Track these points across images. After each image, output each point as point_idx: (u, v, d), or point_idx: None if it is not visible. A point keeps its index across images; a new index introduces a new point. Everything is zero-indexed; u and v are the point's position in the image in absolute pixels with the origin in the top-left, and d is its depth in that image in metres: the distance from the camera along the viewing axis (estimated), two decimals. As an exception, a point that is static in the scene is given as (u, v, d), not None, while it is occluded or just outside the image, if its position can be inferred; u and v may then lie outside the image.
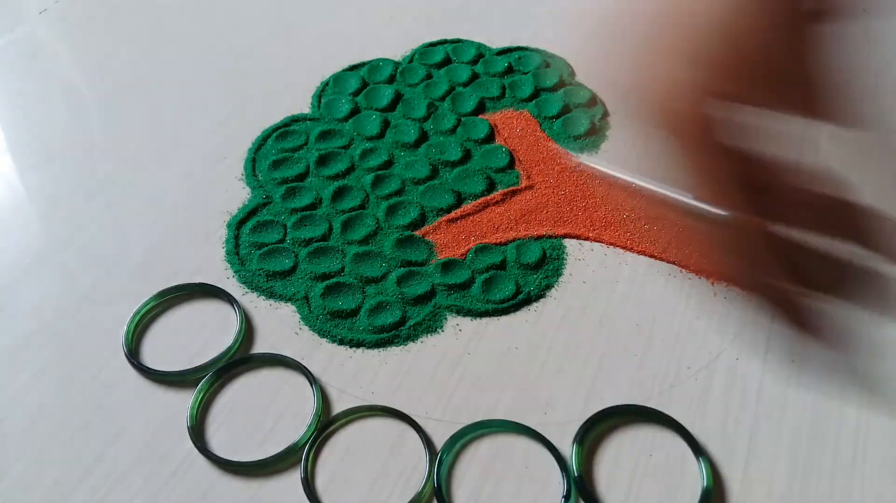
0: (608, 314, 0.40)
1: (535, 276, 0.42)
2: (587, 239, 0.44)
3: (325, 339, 0.40)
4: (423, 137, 0.50)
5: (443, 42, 0.58)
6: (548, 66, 0.55)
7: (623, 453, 0.35)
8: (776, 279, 0.27)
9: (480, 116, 0.51)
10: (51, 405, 0.37)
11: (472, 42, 0.58)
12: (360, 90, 0.54)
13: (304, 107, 0.53)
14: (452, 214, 0.45)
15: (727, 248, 0.27)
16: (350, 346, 0.39)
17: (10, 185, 0.48)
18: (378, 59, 0.56)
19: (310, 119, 0.52)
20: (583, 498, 0.33)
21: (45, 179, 0.49)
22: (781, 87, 0.25)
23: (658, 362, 0.38)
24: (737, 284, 0.30)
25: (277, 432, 0.36)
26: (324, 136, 0.50)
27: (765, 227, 0.26)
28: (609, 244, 0.44)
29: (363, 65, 0.56)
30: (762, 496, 0.33)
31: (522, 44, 0.57)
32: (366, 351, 0.39)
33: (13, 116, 0.53)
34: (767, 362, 0.38)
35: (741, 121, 0.25)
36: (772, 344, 0.39)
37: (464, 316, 0.41)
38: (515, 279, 0.42)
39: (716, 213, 0.26)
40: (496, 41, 0.58)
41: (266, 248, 0.43)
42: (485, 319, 0.40)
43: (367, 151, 0.49)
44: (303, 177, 0.48)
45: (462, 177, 0.47)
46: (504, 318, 0.40)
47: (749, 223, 0.26)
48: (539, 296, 0.41)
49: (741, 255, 0.27)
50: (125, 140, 0.51)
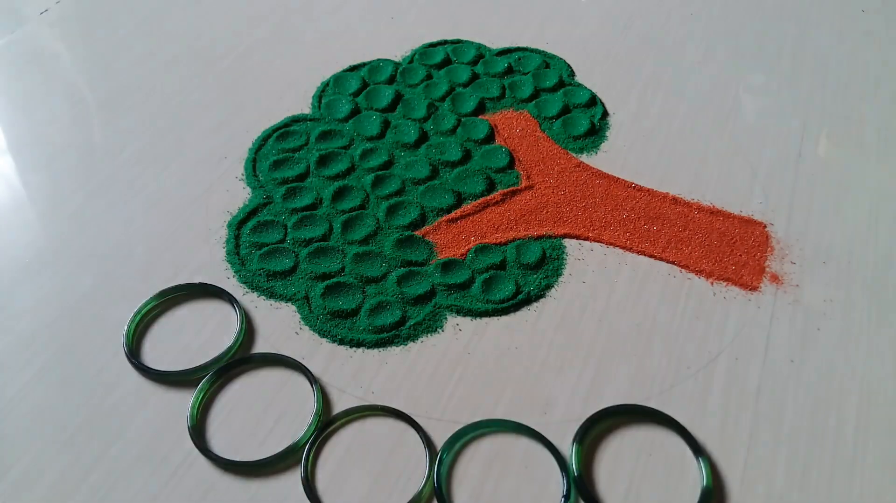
0: (608, 314, 0.40)
1: (535, 276, 0.42)
2: (587, 239, 0.44)
3: (326, 339, 0.40)
4: (424, 138, 0.50)
5: (443, 43, 0.58)
6: (548, 67, 0.55)
7: (623, 453, 0.35)
8: None
9: (480, 117, 0.52)
10: (51, 405, 0.37)
11: (472, 43, 0.58)
12: (361, 90, 0.54)
13: (305, 107, 0.53)
14: (452, 214, 0.45)
15: None
16: (350, 346, 0.39)
17: (10, 185, 0.48)
18: (378, 60, 0.56)
19: (310, 119, 0.52)
20: (582, 497, 0.33)
21: (45, 179, 0.49)
22: None
23: (658, 362, 0.38)
24: None
25: (277, 432, 0.36)
26: (324, 137, 0.50)
27: None
28: (609, 244, 0.44)
29: (363, 65, 0.56)
30: (761, 496, 0.33)
31: (522, 44, 0.58)
32: (366, 351, 0.39)
33: (14, 117, 0.53)
34: (767, 362, 0.38)
35: None
36: (772, 344, 0.39)
37: (464, 316, 0.41)
38: (515, 279, 0.42)
39: None
40: (496, 42, 0.58)
41: (266, 248, 0.43)
42: (485, 319, 0.40)
43: (368, 151, 0.49)
44: (303, 177, 0.48)
45: (462, 177, 0.47)
46: (504, 318, 0.40)
47: None
48: (539, 296, 0.41)
49: None
50: (125, 140, 0.51)
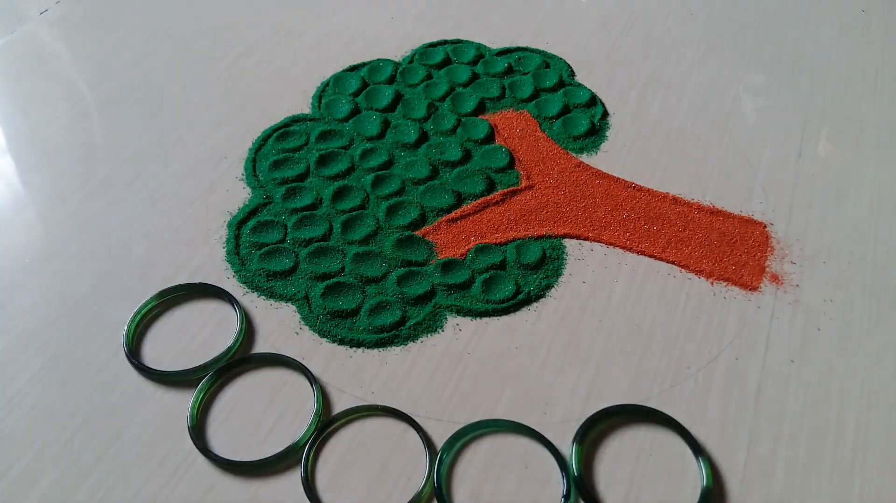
0: (608, 314, 0.40)
1: (535, 276, 0.42)
2: (587, 239, 0.44)
3: (325, 339, 0.40)
4: (423, 137, 0.50)
5: (443, 42, 0.58)
6: (548, 67, 0.55)
7: (623, 453, 0.35)
8: None
9: (480, 117, 0.52)
10: (51, 405, 0.37)
11: (472, 42, 0.58)
12: (361, 90, 0.54)
13: (305, 107, 0.53)
14: (452, 214, 0.45)
15: None
16: (350, 346, 0.39)
17: (11, 185, 0.48)
18: (378, 60, 0.56)
19: (310, 119, 0.52)
20: (582, 497, 0.33)
21: (45, 179, 0.49)
22: None
23: (658, 362, 0.38)
24: None
25: (277, 432, 0.36)
26: (324, 137, 0.50)
27: None
28: (609, 244, 0.44)
29: (363, 65, 0.56)
30: (761, 496, 0.33)
31: (522, 44, 0.58)
32: (366, 351, 0.39)
33: (14, 116, 0.53)
34: (767, 362, 0.38)
35: None
36: (772, 344, 0.39)
37: (464, 316, 0.41)
38: (515, 279, 0.42)
39: None
40: (496, 42, 0.58)
41: (266, 248, 0.43)
42: (485, 319, 0.40)
43: (368, 151, 0.49)
44: (303, 177, 0.48)
45: (462, 177, 0.47)
46: (504, 318, 0.40)
47: None
48: (539, 296, 0.41)
49: None
50: (125, 140, 0.51)
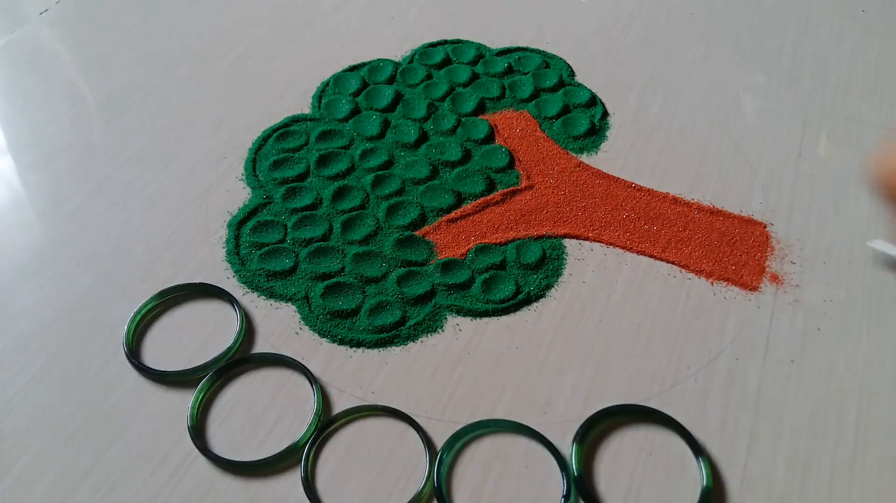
0: (608, 314, 0.40)
1: (535, 276, 0.42)
2: (587, 239, 0.44)
3: (325, 339, 0.40)
4: (423, 137, 0.50)
5: (443, 42, 0.58)
6: (548, 67, 0.55)
7: (623, 453, 0.35)
8: None
9: (480, 117, 0.52)
10: (51, 405, 0.37)
11: (472, 43, 0.58)
12: (361, 90, 0.54)
13: (305, 107, 0.53)
14: (452, 214, 0.45)
15: None
16: (350, 346, 0.39)
17: (10, 185, 0.48)
18: (378, 60, 0.56)
19: (310, 119, 0.52)
20: (582, 497, 0.33)
21: (45, 179, 0.49)
22: None
23: (658, 362, 0.38)
24: None
25: (277, 432, 0.36)
26: (324, 137, 0.50)
27: None
28: (609, 244, 0.44)
29: (363, 65, 0.56)
30: (762, 496, 0.33)
31: (522, 44, 0.58)
32: (366, 351, 0.39)
33: (13, 116, 0.53)
34: (767, 362, 0.38)
35: None
36: (772, 344, 0.39)
37: (464, 316, 0.41)
38: (515, 279, 0.42)
39: None
40: (496, 42, 0.58)
41: (266, 248, 0.43)
42: (485, 319, 0.40)
43: (368, 151, 0.49)
44: (303, 177, 0.48)
45: (462, 177, 0.47)
46: (504, 318, 0.40)
47: None
48: (539, 296, 0.41)
49: None
50: (125, 140, 0.51)
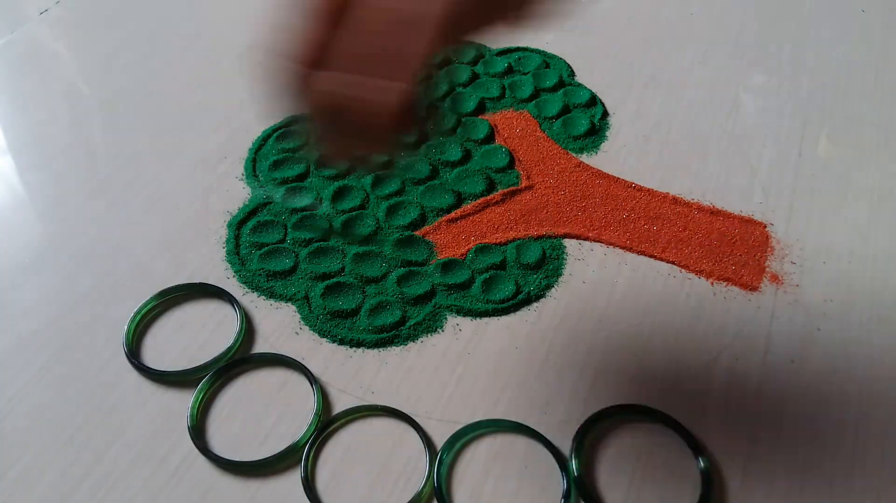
0: (608, 314, 0.40)
1: (535, 276, 0.42)
2: (587, 239, 0.44)
3: (325, 339, 0.40)
4: (424, 138, 0.50)
5: (443, 42, 0.58)
6: (548, 67, 0.55)
7: (623, 453, 0.35)
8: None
9: (480, 117, 0.52)
10: (51, 405, 0.37)
11: (472, 43, 0.58)
12: (360, 90, 0.53)
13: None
14: (452, 214, 0.45)
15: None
16: (350, 346, 0.39)
17: (10, 185, 0.48)
18: (378, 60, 0.56)
19: (310, 119, 0.52)
20: (583, 497, 0.33)
21: (45, 179, 0.49)
22: None
23: (658, 362, 0.38)
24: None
25: (277, 432, 0.36)
26: (324, 137, 0.50)
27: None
28: (609, 244, 0.44)
29: (363, 65, 0.56)
30: (762, 496, 0.33)
31: (522, 44, 0.57)
32: (366, 351, 0.39)
33: (13, 116, 0.53)
34: (767, 362, 0.38)
35: None
36: (771, 344, 0.39)
37: (464, 316, 0.41)
38: (515, 279, 0.42)
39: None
40: (496, 42, 0.58)
41: (266, 248, 0.43)
42: (485, 319, 0.40)
43: (367, 151, 0.49)
44: (303, 177, 0.48)
45: (462, 177, 0.47)
46: (504, 318, 0.40)
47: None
48: (539, 296, 0.41)
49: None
50: (125, 140, 0.51)
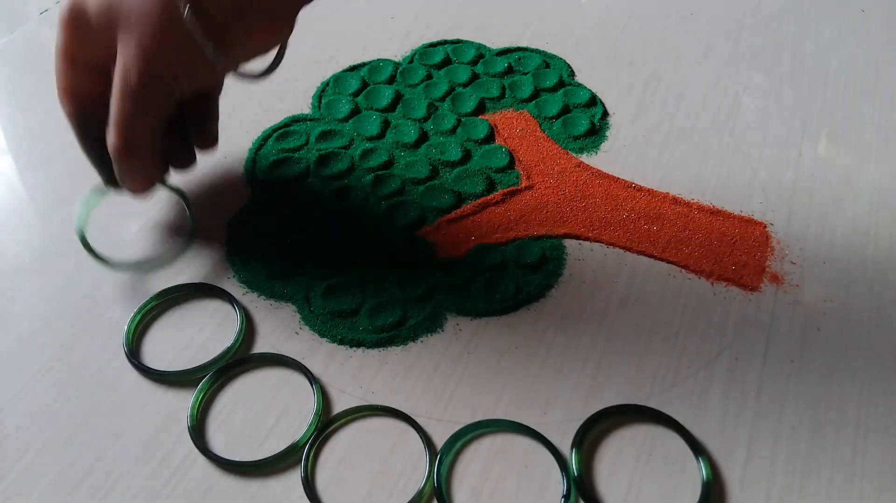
0: (608, 314, 0.40)
1: (535, 276, 0.42)
2: (587, 239, 0.44)
3: (326, 339, 0.40)
4: (423, 137, 0.50)
5: (443, 42, 0.58)
6: (548, 67, 0.55)
7: (623, 453, 0.35)
8: None
9: (480, 117, 0.52)
10: (51, 405, 0.37)
11: (472, 43, 0.58)
12: (361, 90, 0.54)
13: (305, 107, 0.53)
14: (452, 214, 0.45)
15: None
16: (350, 346, 0.39)
17: (10, 185, 0.48)
18: (378, 60, 0.56)
19: (310, 119, 0.52)
20: (583, 497, 0.33)
21: (45, 179, 0.49)
22: None
23: (658, 362, 0.38)
24: None
25: (277, 432, 0.36)
26: (324, 137, 0.50)
27: None
28: (609, 244, 0.44)
29: (363, 65, 0.56)
30: (762, 496, 0.33)
31: (522, 44, 0.58)
32: (366, 351, 0.39)
33: (14, 116, 0.53)
34: (767, 362, 0.38)
35: None
36: (771, 344, 0.39)
37: (464, 316, 0.41)
38: (515, 279, 0.42)
39: None
40: (496, 42, 0.58)
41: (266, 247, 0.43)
42: (485, 319, 0.40)
43: (368, 151, 0.49)
44: (303, 177, 0.48)
45: (462, 177, 0.47)
46: (504, 318, 0.40)
47: None
48: (539, 296, 0.41)
49: None
50: (125, 140, 0.51)
